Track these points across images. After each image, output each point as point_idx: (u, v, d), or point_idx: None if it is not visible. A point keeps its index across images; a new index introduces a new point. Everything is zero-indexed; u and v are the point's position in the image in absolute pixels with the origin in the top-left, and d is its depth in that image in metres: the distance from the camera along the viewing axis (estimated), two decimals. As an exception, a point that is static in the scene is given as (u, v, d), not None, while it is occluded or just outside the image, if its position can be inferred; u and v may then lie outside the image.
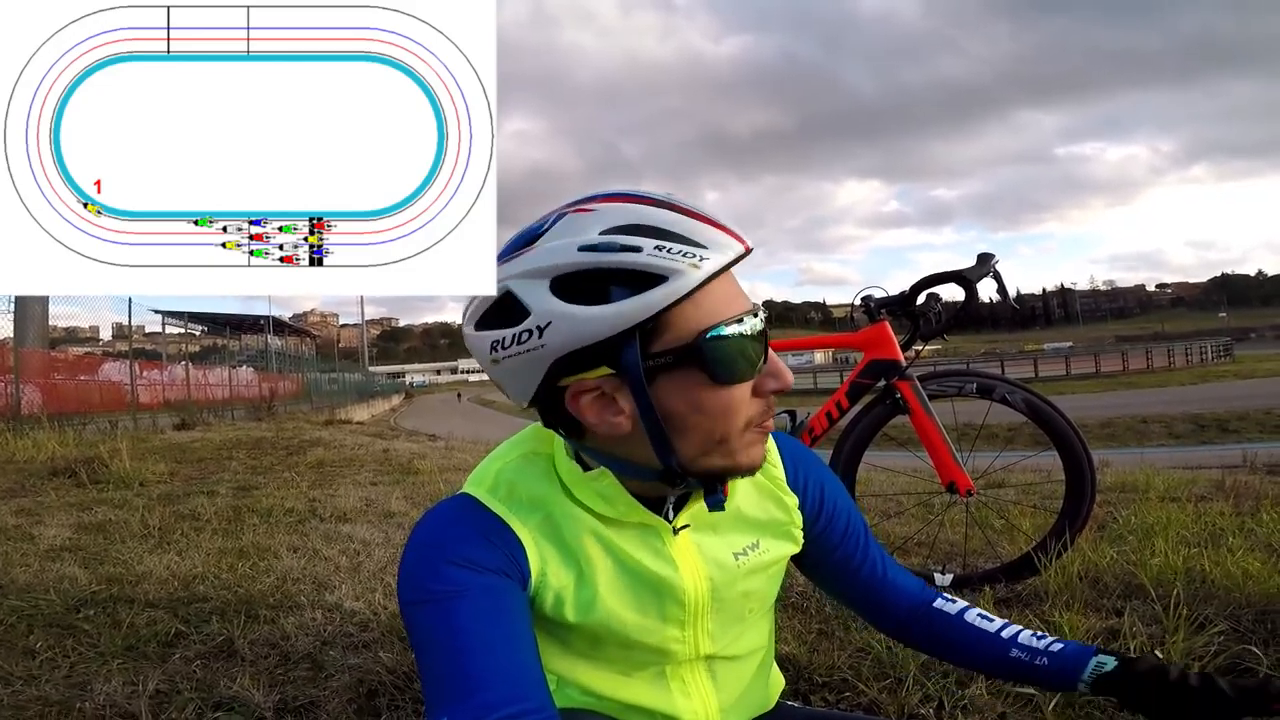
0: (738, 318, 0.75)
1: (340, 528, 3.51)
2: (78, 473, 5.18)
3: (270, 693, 1.70)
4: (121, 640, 2.02)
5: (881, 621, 1.08)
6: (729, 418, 0.77)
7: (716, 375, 0.74)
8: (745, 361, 0.76)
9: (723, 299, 0.75)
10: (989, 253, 2.28)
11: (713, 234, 0.74)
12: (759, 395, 0.79)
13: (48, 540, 3.30)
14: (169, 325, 22.51)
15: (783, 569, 0.99)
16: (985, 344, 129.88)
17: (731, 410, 0.77)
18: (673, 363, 0.74)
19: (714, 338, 0.73)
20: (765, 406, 0.80)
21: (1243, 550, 2.19)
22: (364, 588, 2.47)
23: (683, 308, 0.72)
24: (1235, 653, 1.57)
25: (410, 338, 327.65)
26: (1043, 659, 0.92)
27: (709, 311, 0.74)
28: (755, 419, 0.79)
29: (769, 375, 0.79)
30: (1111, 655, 0.89)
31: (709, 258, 0.72)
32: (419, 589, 0.78)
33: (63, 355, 14.42)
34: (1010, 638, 0.95)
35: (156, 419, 12.53)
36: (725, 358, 0.74)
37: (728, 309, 0.75)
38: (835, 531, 1.00)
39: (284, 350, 35.75)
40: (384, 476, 5.49)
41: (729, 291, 0.77)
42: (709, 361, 0.74)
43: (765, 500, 0.95)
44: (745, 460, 0.81)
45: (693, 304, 0.73)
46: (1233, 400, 16.89)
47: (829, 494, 1.01)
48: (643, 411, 0.75)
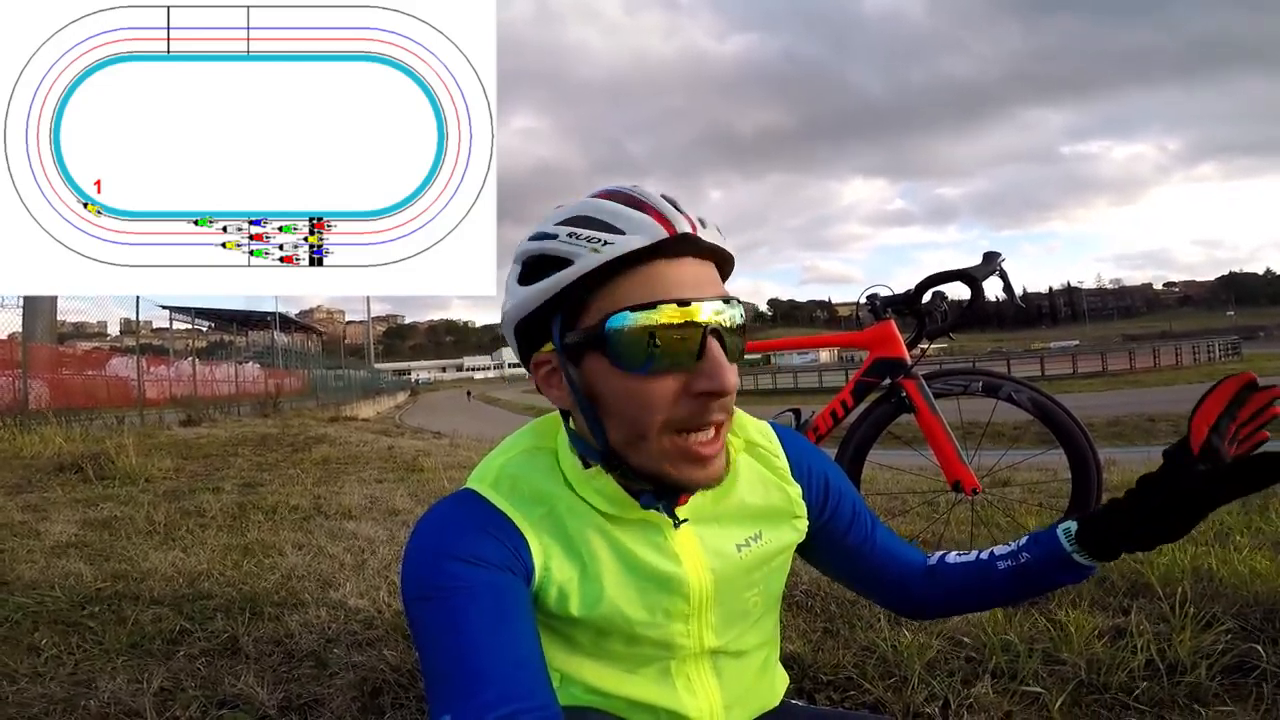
0: (650, 304, 0.74)
1: (345, 525, 3.52)
2: (84, 468, 5.20)
3: (274, 690, 1.70)
4: (126, 637, 2.03)
5: (900, 603, 1.07)
6: (643, 411, 0.76)
7: (616, 361, 0.75)
8: (654, 352, 0.74)
9: (647, 285, 0.75)
10: (994, 251, 2.26)
11: (638, 220, 0.74)
12: (690, 395, 0.75)
13: (53, 536, 3.31)
14: (176, 321, 22.61)
15: (788, 561, 0.98)
16: (992, 342, 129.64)
17: (644, 403, 0.76)
18: (583, 343, 0.77)
19: (616, 323, 0.74)
20: (695, 410, 0.76)
21: (1250, 549, 2.18)
22: (368, 585, 2.47)
23: (601, 291, 0.75)
24: (1242, 651, 1.56)
25: (416, 335, 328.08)
26: (1025, 554, 0.95)
27: (622, 297, 0.75)
28: (680, 422, 0.76)
29: (700, 375, 0.75)
30: (1068, 519, 0.93)
31: (613, 242, 0.74)
32: (422, 585, 0.78)
33: (70, 350, 14.47)
34: (989, 559, 0.98)
35: (163, 415, 12.56)
36: (626, 344, 0.74)
37: (646, 295, 0.74)
38: (843, 519, 1.00)
39: (290, 346, 35.81)
40: (389, 474, 5.50)
41: (667, 277, 0.75)
42: (609, 346, 0.75)
43: (768, 491, 0.94)
44: (673, 472, 0.78)
45: (610, 288, 0.75)
46: (1241, 398, 16.76)
47: (833, 482, 1.00)
48: (570, 387, 0.80)
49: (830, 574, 1.09)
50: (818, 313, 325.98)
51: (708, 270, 0.78)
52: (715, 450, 0.79)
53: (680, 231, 0.74)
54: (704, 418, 0.76)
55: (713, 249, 0.78)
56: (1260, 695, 1.45)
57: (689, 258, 0.77)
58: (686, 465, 0.78)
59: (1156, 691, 1.49)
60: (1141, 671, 1.54)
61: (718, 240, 0.78)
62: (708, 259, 0.79)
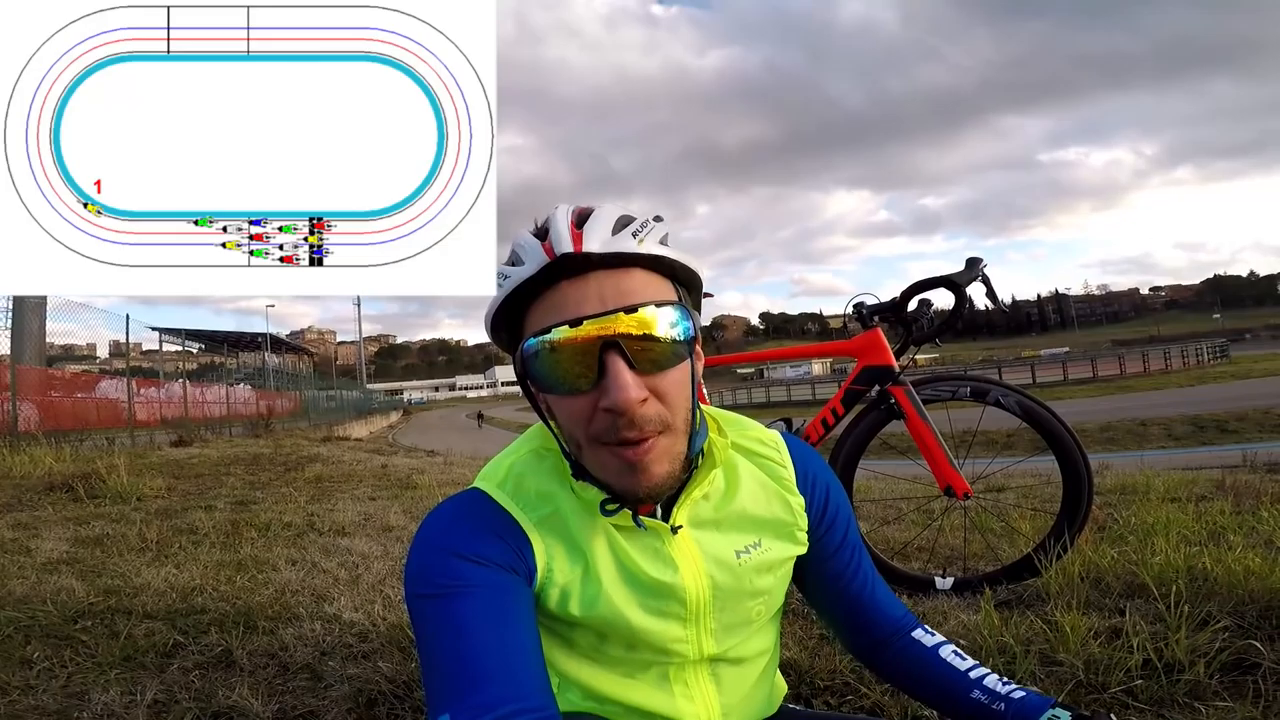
0: (545, 329, 0.75)
1: (339, 541, 3.50)
2: (75, 488, 5.16)
3: (269, 702, 1.69)
4: (119, 651, 2.02)
5: (856, 641, 1.04)
6: (570, 426, 0.79)
7: (535, 384, 0.79)
8: (557, 372, 0.76)
9: (550, 309, 0.76)
10: (976, 257, 2.28)
11: (531, 248, 0.77)
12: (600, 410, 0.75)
13: (45, 553, 3.29)
14: (166, 343, 22.49)
15: (789, 571, 0.98)
16: (982, 351, 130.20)
17: (568, 419, 0.79)
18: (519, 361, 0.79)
19: (528, 348, 0.77)
20: (607, 424, 0.75)
21: (1244, 547, 2.19)
22: (363, 599, 2.45)
23: (527, 318, 0.79)
24: (1239, 649, 1.57)
25: (408, 355, 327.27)
26: (1000, 704, 0.88)
27: (535, 321, 0.78)
28: (600, 435, 0.76)
29: (602, 392, 0.74)
30: (1068, 710, 0.85)
31: (510, 275, 0.78)
32: (425, 582, 0.79)
33: (60, 373, 14.37)
34: (976, 679, 0.92)
35: (154, 436, 12.47)
36: (535, 368, 0.77)
37: (546, 319, 0.76)
38: (834, 539, 0.99)
39: (281, 368, 35.70)
40: (383, 491, 5.47)
41: (567, 298, 0.76)
42: (527, 372, 0.78)
43: (771, 500, 0.94)
44: (613, 482, 0.79)
45: (531, 314, 0.79)
46: (1231, 401, 16.85)
47: (834, 499, 0.99)
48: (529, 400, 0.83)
49: (804, 588, 1.06)
50: (809, 325, 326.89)
51: (623, 281, 0.77)
52: (643, 456, 0.76)
53: (559, 254, 0.74)
54: (616, 433, 0.75)
55: (618, 257, 0.76)
56: (1259, 691, 1.45)
57: (596, 273, 0.76)
58: (620, 475, 0.78)
59: (1156, 690, 1.49)
60: (1139, 671, 1.54)
61: (623, 248, 0.76)
62: (629, 268, 0.77)
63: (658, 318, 0.75)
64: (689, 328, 0.78)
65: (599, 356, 0.74)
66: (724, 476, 0.91)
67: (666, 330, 0.76)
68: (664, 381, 0.76)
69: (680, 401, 0.78)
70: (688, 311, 0.79)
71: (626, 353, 0.74)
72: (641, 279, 0.78)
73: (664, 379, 0.76)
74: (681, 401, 0.78)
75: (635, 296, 0.76)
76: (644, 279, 0.78)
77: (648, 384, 0.75)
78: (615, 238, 0.76)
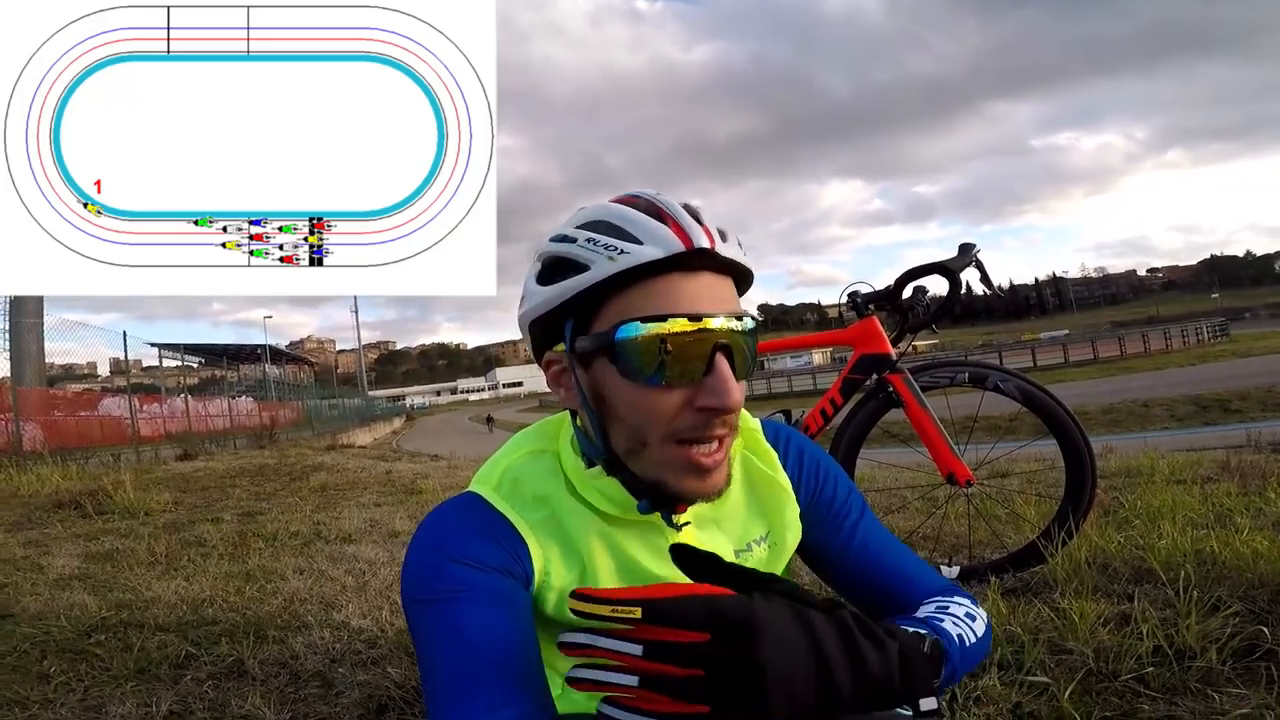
0: (660, 316, 0.73)
1: (345, 548, 3.51)
2: (83, 505, 5.17)
3: (281, 711, 1.70)
4: (133, 663, 2.03)
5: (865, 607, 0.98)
6: (647, 420, 0.76)
7: (623, 370, 0.75)
8: (662, 363, 0.74)
9: (660, 296, 0.74)
10: (970, 243, 2.28)
11: (656, 231, 0.74)
12: (694, 409, 0.75)
13: (56, 570, 3.30)
14: (165, 359, 22.51)
15: (787, 562, 0.97)
16: (982, 335, 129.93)
17: (649, 412, 0.76)
18: (592, 349, 0.76)
19: (626, 332, 0.74)
20: (698, 423, 0.75)
21: (1251, 529, 2.17)
22: (371, 605, 2.46)
23: (615, 299, 0.75)
24: (1251, 634, 1.55)
25: (408, 360, 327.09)
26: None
27: (634, 306, 0.74)
28: (682, 432, 0.76)
29: (706, 390, 0.74)
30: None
31: (629, 251, 0.73)
32: (422, 587, 0.79)
33: (62, 392, 14.40)
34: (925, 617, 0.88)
35: (159, 451, 12.48)
36: (633, 354, 0.74)
37: (659, 306, 0.74)
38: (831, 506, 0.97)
39: (282, 378, 35.71)
40: (388, 497, 5.48)
41: (681, 290, 0.75)
42: (617, 354, 0.75)
43: (766, 492, 0.94)
44: (673, 482, 0.78)
45: (624, 296, 0.75)
46: (1233, 379, 16.74)
47: (823, 469, 0.98)
48: (578, 390, 0.80)
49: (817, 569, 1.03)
50: (808, 315, 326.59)
51: (723, 285, 0.77)
52: (716, 462, 0.77)
53: (698, 246, 0.73)
54: (706, 431, 0.76)
55: (730, 264, 0.77)
56: (1271, 677, 1.42)
57: (705, 272, 0.76)
58: (687, 476, 0.78)
59: (1167, 677, 1.47)
60: (1150, 658, 1.52)
61: (736, 255, 0.77)
62: (724, 274, 0.78)
63: (753, 328, 0.78)
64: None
65: (710, 355, 0.74)
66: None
67: (754, 340, 0.78)
68: (739, 391, 0.77)
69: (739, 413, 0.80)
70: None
71: (734, 357, 0.75)
72: (732, 288, 0.79)
73: (740, 389, 0.77)
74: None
75: (734, 304, 0.78)
76: (732, 287, 0.79)
77: None
78: (731, 245, 0.77)
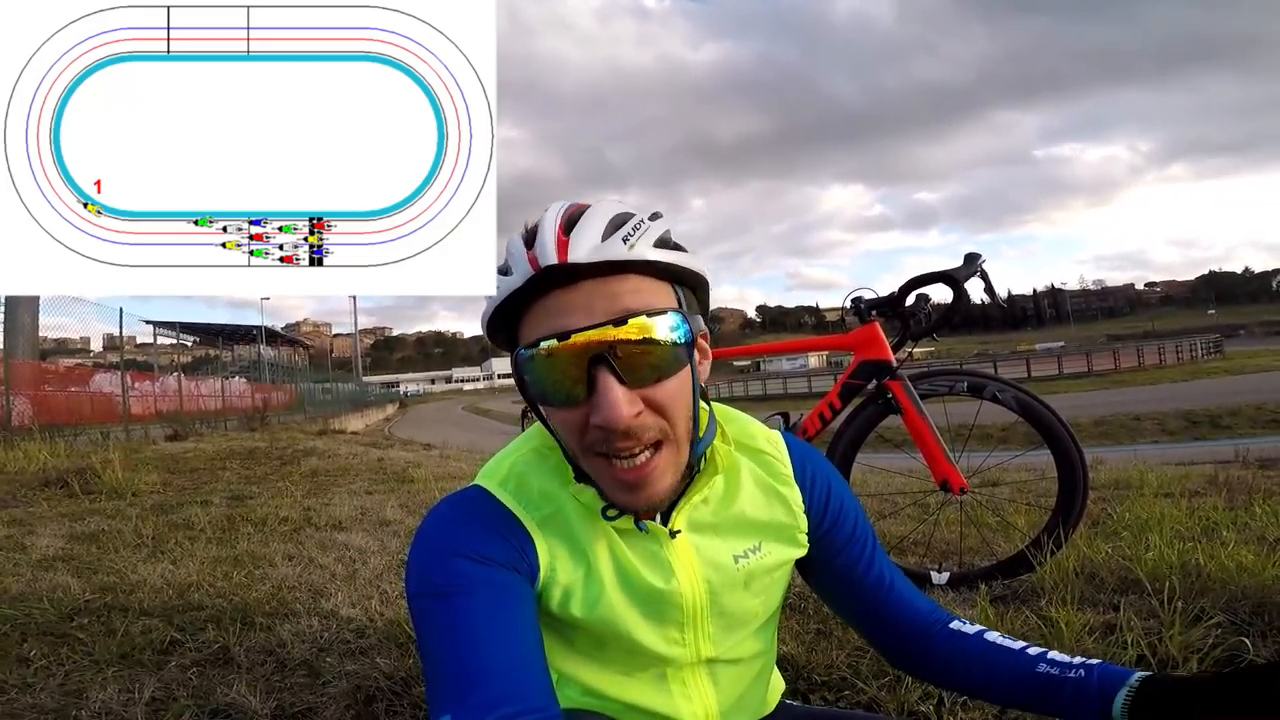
0: (534, 342, 0.74)
1: (336, 536, 3.50)
2: (70, 483, 5.16)
3: (267, 699, 1.69)
4: (116, 648, 2.01)
5: (883, 639, 1.00)
6: (565, 435, 0.78)
7: (529, 391, 0.77)
8: (546, 385, 0.75)
9: (542, 319, 0.75)
10: (975, 253, 2.29)
11: (519, 258, 0.75)
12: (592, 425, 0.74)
13: (40, 550, 3.28)
14: (160, 336, 22.41)
15: (787, 574, 0.97)
16: (978, 345, 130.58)
17: (563, 429, 0.78)
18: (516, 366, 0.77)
19: (521, 356, 0.75)
20: (601, 438, 0.74)
21: (1236, 543, 2.21)
22: (360, 595, 2.46)
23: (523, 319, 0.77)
24: (1232, 645, 1.57)
25: (404, 347, 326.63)
26: (1078, 671, 0.81)
27: (529, 330, 0.76)
28: (596, 446, 0.76)
29: (592, 407, 0.73)
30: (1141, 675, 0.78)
31: (502, 285, 0.76)
32: (427, 581, 0.78)
33: (53, 367, 14.32)
34: (1039, 654, 0.86)
35: (149, 430, 12.43)
36: (530, 377, 0.75)
37: (540, 329, 0.74)
38: (840, 534, 0.96)
39: (276, 360, 35.59)
40: (379, 485, 5.47)
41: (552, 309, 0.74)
42: (522, 377, 0.76)
43: (771, 501, 0.92)
44: (609, 493, 0.79)
45: (526, 318, 0.77)
46: (1224, 396, 16.86)
47: (836, 494, 0.97)
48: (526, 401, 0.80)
49: (819, 589, 1.03)
50: (805, 318, 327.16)
51: (612, 289, 0.74)
52: (642, 476, 0.76)
53: (543, 266, 0.72)
54: (611, 446, 0.74)
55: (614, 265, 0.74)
56: None
57: (587, 281, 0.74)
58: (616, 489, 0.78)
59: (1150, 687, 1.50)
60: (1133, 667, 1.54)
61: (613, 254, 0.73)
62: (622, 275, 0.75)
63: (654, 326, 0.73)
64: (687, 332, 0.76)
65: (588, 371, 0.72)
66: (724, 479, 0.89)
67: (664, 337, 0.73)
68: (660, 392, 0.74)
69: (679, 410, 0.77)
70: (685, 316, 0.76)
71: (616, 367, 0.72)
72: (635, 284, 0.75)
73: (660, 389, 0.74)
74: (681, 410, 0.77)
75: (628, 304, 0.73)
76: (637, 284, 0.75)
77: (643, 395, 0.74)
78: (605, 243, 0.73)
